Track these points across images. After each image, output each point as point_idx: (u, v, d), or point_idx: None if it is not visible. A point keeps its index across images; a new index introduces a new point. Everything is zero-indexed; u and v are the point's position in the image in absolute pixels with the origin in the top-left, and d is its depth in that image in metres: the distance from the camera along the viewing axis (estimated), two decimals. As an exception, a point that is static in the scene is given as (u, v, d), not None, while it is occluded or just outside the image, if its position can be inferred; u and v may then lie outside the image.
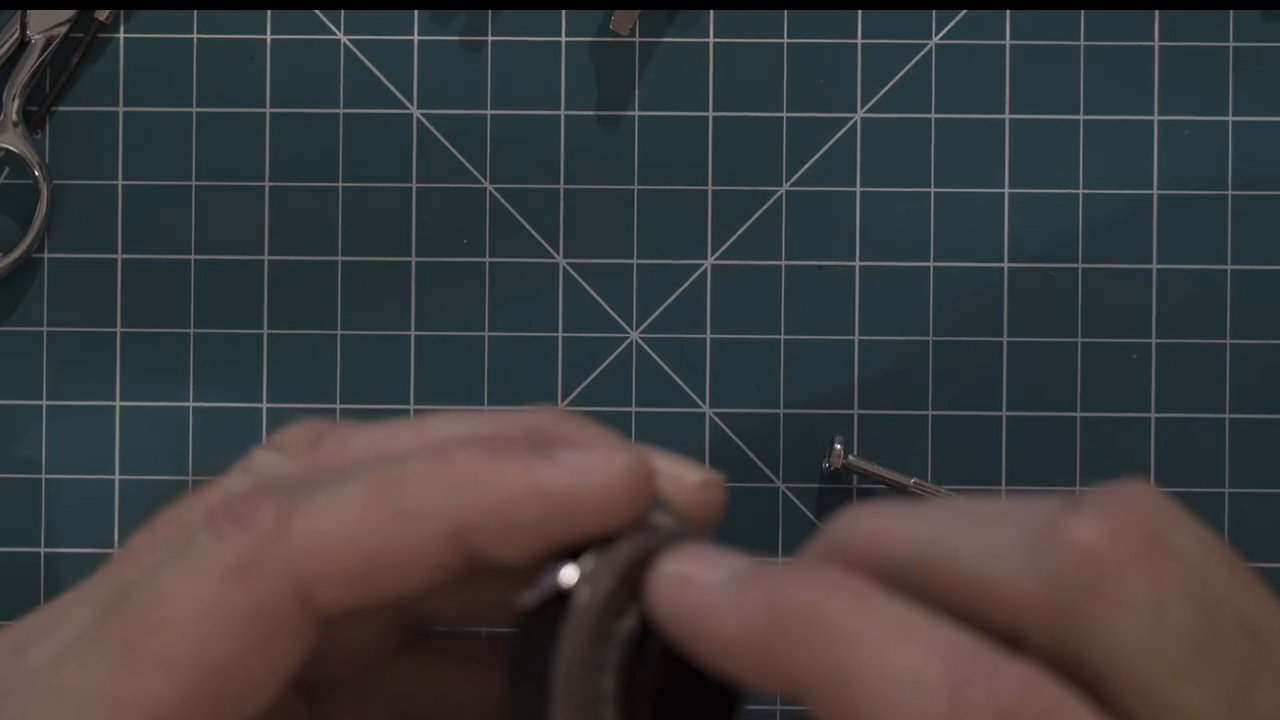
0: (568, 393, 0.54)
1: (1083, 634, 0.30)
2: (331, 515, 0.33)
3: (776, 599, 0.31)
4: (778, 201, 0.54)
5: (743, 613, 0.31)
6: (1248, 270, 0.54)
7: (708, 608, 0.31)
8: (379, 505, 0.33)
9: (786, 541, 0.54)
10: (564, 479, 0.33)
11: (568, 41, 0.54)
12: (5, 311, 0.54)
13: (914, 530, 0.31)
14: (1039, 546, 0.30)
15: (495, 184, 0.54)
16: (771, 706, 0.54)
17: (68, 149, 0.54)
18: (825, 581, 0.31)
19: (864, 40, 0.54)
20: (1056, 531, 0.30)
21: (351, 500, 0.33)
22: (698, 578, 0.32)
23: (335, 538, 0.33)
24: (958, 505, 0.31)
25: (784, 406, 0.54)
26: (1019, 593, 0.30)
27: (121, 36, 0.54)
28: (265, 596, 0.33)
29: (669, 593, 0.32)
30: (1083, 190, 0.54)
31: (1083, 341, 0.54)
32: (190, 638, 0.33)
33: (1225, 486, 0.54)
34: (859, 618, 0.30)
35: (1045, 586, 0.30)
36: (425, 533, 0.33)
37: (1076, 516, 0.30)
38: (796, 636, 0.30)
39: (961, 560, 0.30)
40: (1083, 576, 0.30)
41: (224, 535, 0.33)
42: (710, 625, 0.31)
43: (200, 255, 0.54)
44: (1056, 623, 0.30)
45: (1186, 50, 0.54)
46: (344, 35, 0.54)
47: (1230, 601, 0.30)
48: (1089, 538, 0.30)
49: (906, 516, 0.31)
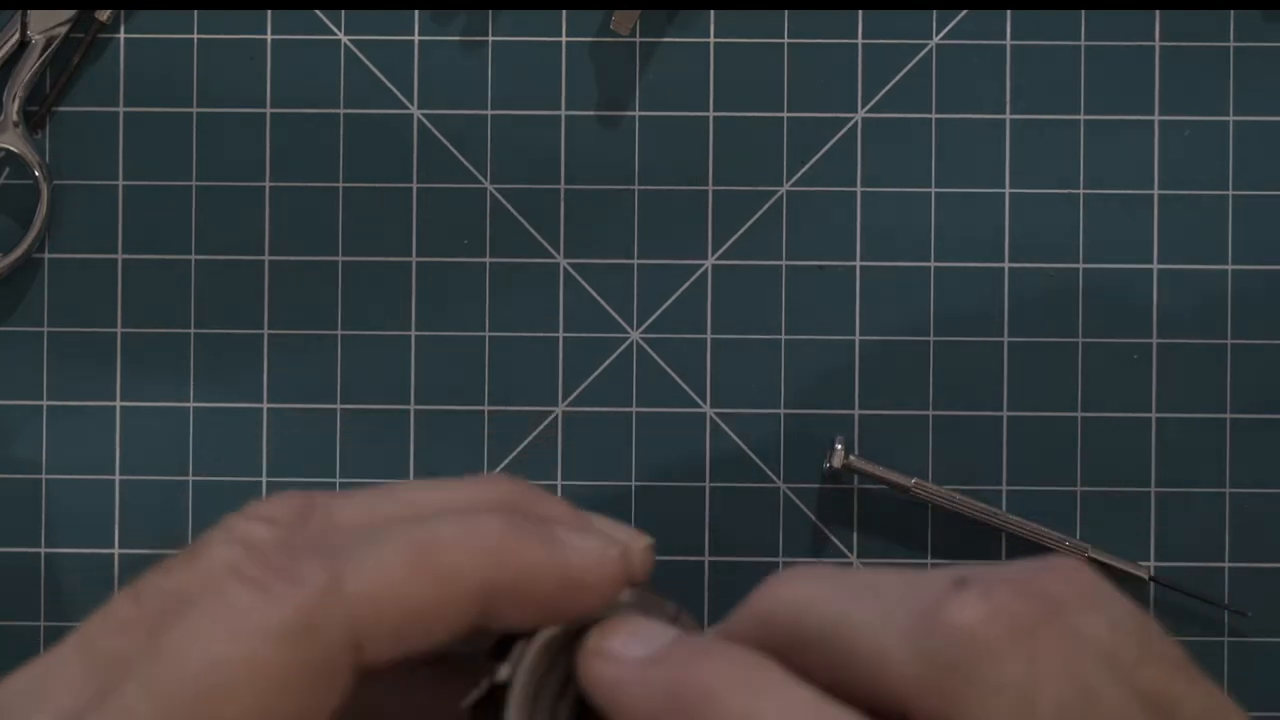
0: (568, 393, 0.54)
1: (958, 715, 0.30)
2: (379, 574, 0.34)
3: (678, 678, 0.33)
4: (778, 201, 0.54)
5: (648, 688, 0.33)
6: (1248, 270, 0.54)
7: (621, 682, 0.34)
8: (420, 566, 0.35)
9: (786, 541, 0.54)
10: (579, 560, 0.36)
11: (568, 41, 0.54)
12: (5, 311, 0.54)
13: (824, 601, 0.33)
14: (922, 625, 0.31)
15: (495, 184, 0.54)
16: None
17: (68, 149, 0.54)
18: (723, 661, 0.33)
19: (864, 40, 0.54)
20: (939, 612, 0.31)
21: (395, 560, 0.35)
22: (617, 653, 0.35)
23: (384, 595, 0.34)
24: (867, 576, 0.33)
25: (784, 406, 0.54)
26: (903, 670, 0.31)
27: (121, 36, 0.54)
28: (325, 653, 0.34)
29: (591, 666, 0.35)
30: (1083, 190, 0.54)
31: (1083, 341, 0.54)
32: (254, 699, 0.33)
33: (1225, 486, 0.54)
34: (746, 696, 0.32)
35: (924, 666, 0.31)
36: (459, 593, 0.35)
37: (959, 598, 0.31)
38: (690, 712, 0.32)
39: (859, 635, 0.32)
40: (957, 657, 0.31)
41: (275, 594, 0.34)
42: (622, 698, 0.34)
43: (200, 255, 0.54)
44: (935, 702, 0.31)
45: (1186, 50, 0.54)
46: (344, 35, 0.54)
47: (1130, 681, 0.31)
48: (966, 619, 0.31)
49: (821, 586, 0.33)
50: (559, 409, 0.54)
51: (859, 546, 0.54)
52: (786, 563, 0.54)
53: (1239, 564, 0.53)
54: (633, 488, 0.54)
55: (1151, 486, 0.54)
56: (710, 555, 0.54)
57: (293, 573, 0.34)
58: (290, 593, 0.34)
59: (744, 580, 0.54)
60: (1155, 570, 0.53)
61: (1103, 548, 0.53)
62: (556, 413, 0.54)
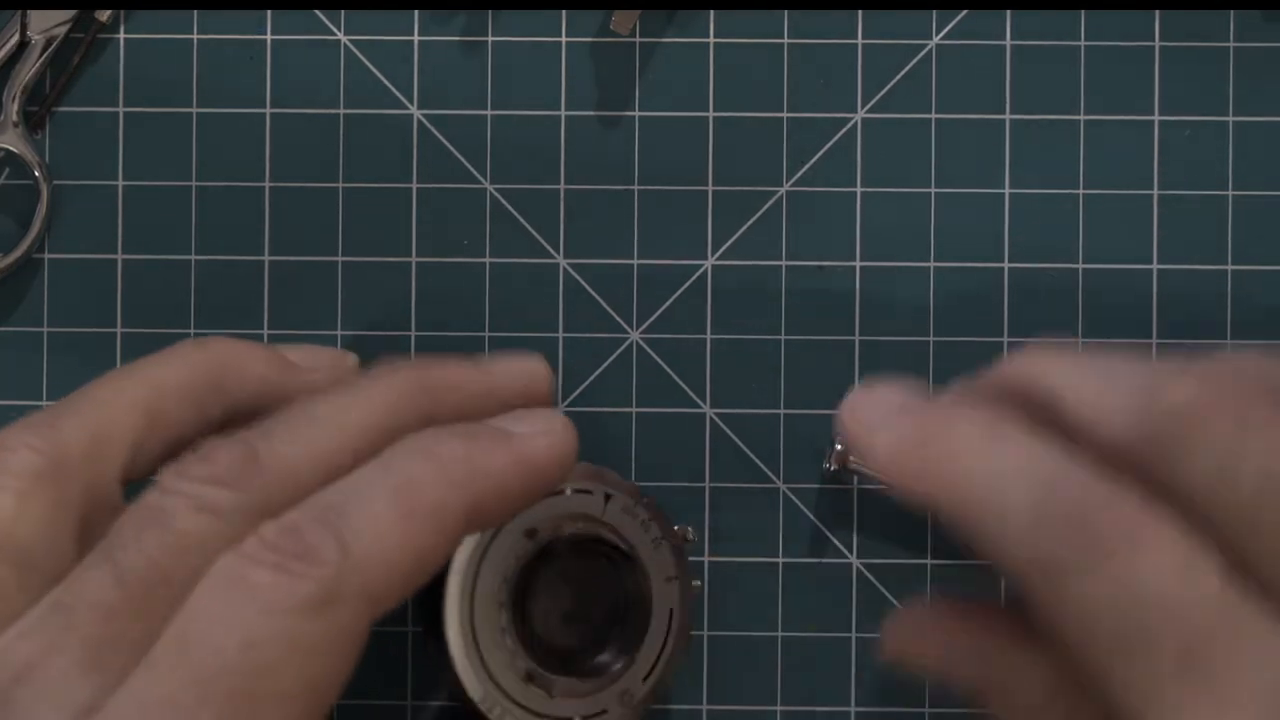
0: (568, 393, 0.54)
1: (1168, 472, 0.33)
2: (379, 533, 0.36)
3: (922, 422, 0.36)
4: (778, 201, 0.54)
5: (899, 432, 0.36)
6: (1248, 270, 0.54)
7: (875, 426, 0.37)
8: (410, 513, 0.37)
9: (786, 541, 0.54)
10: (534, 447, 0.40)
11: (568, 41, 0.54)
12: (5, 311, 0.54)
13: (1056, 373, 0.36)
14: (1143, 398, 0.34)
15: (495, 184, 0.54)
16: (772, 708, 0.54)
17: (68, 149, 0.54)
18: (967, 409, 0.36)
19: (864, 40, 0.54)
20: (1159, 389, 0.34)
21: (388, 514, 0.37)
22: (869, 405, 0.38)
23: (389, 551, 0.36)
24: (1099, 357, 0.36)
25: (784, 406, 0.54)
26: (1122, 435, 0.34)
27: (121, 36, 0.54)
28: (351, 618, 0.36)
29: (844, 414, 0.38)
30: (1083, 190, 0.54)
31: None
32: (295, 671, 0.35)
33: (1225, 486, 0.54)
34: (991, 443, 0.35)
35: (1141, 431, 0.34)
36: (448, 524, 0.37)
37: (1180, 378, 0.34)
38: (933, 449, 0.35)
39: (1084, 402, 0.35)
40: (1172, 425, 0.33)
41: (295, 572, 0.35)
42: (876, 440, 0.37)
43: (200, 255, 0.54)
44: (1148, 456, 0.34)
45: (1186, 50, 0.54)
46: (344, 35, 0.54)
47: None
48: (1184, 394, 0.33)
49: (1054, 360, 0.37)
50: (559, 409, 0.54)
51: (859, 546, 0.54)
52: (786, 563, 0.54)
53: (1239, 564, 0.53)
54: (633, 488, 0.54)
55: (1151, 486, 0.54)
56: (710, 556, 0.54)
57: (304, 550, 0.35)
58: (310, 570, 0.35)
59: (744, 580, 0.54)
60: (1155, 570, 0.53)
61: (1103, 548, 0.53)
62: (556, 413, 0.54)
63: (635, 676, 0.49)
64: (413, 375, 0.41)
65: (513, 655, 0.48)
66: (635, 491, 0.49)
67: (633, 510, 0.49)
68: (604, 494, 0.49)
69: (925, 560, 0.54)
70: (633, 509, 0.49)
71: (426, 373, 0.42)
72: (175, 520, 0.36)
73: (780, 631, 0.54)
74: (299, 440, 0.39)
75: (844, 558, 0.54)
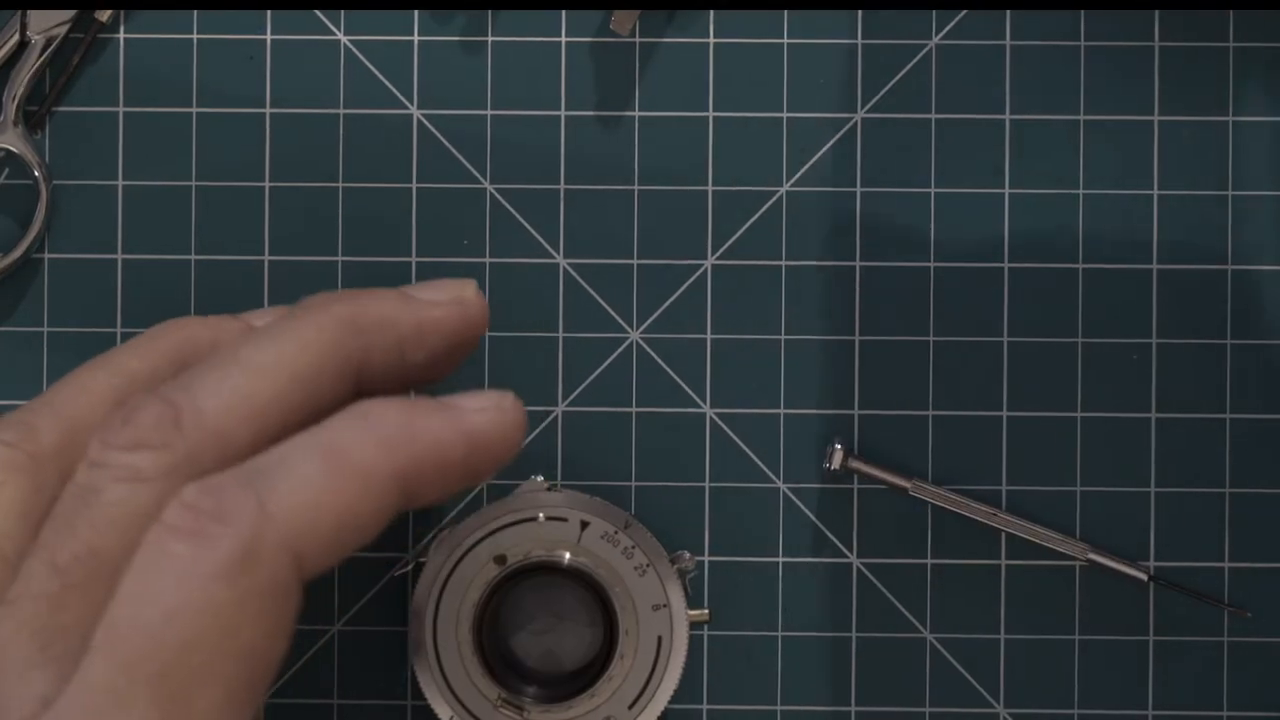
0: (568, 393, 0.54)
1: None
2: (301, 490, 0.36)
3: None
4: (778, 201, 0.54)
5: None
6: (1247, 270, 0.54)
7: None
8: (335, 473, 0.36)
9: (786, 541, 0.54)
10: (477, 421, 0.39)
11: (568, 41, 0.54)
12: (5, 311, 0.54)
13: None
14: None
15: (495, 184, 0.54)
16: (772, 708, 0.54)
17: (68, 149, 0.54)
18: None
19: (864, 40, 0.54)
20: None
21: (311, 471, 0.36)
22: None
23: (311, 509, 0.36)
24: None
25: (784, 406, 0.54)
26: None
27: (121, 36, 0.54)
28: (271, 577, 0.35)
29: None
30: (1083, 190, 0.54)
31: (1083, 341, 0.54)
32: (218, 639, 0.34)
33: (1225, 486, 0.54)
34: None
35: None
36: (377, 486, 0.37)
37: None
38: None
39: None
40: None
41: (210, 535, 0.35)
42: None
43: (200, 255, 0.54)
44: None
45: (1186, 50, 0.54)
46: (344, 35, 0.54)
47: None
48: None
49: None
50: (559, 409, 0.54)
51: (859, 546, 0.54)
52: (786, 563, 0.54)
53: (1239, 564, 0.53)
54: (633, 488, 0.54)
55: (1151, 486, 0.54)
56: (710, 555, 0.54)
57: (220, 511, 0.35)
58: (224, 531, 0.35)
59: (744, 580, 0.54)
60: (1155, 570, 0.53)
61: (1103, 548, 0.53)
62: (556, 413, 0.54)
63: (620, 703, 0.49)
64: (344, 312, 0.41)
65: (481, 678, 0.48)
66: (625, 519, 0.49)
67: (613, 538, 0.49)
68: (580, 521, 0.49)
69: (925, 560, 0.54)
70: (613, 536, 0.49)
71: (356, 307, 0.41)
72: (103, 495, 0.36)
73: (780, 631, 0.54)
74: (224, 391, 0.38)
75: (844, 558, 0.54)
